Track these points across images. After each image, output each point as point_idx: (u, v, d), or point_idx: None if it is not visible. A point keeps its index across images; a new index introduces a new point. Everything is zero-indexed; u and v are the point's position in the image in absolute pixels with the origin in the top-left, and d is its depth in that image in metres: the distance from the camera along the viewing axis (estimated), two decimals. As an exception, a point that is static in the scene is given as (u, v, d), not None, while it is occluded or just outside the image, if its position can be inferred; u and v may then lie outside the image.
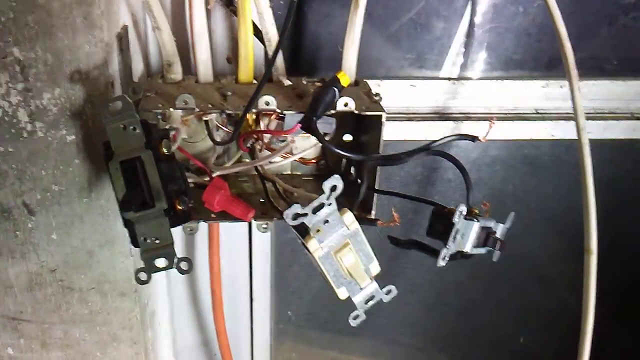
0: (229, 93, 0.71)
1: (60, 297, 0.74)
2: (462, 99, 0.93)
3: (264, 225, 0.75)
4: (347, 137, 0.84)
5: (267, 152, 0.78)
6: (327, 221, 0.59)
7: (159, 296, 0.91)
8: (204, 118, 0.74)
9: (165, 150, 0.61)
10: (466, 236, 0.63)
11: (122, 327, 0.77)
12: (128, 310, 0.76)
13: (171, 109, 0.67)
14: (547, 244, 1.06)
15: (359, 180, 0.80)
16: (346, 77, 0.68)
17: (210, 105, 0.68)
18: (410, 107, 0.93)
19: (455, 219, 0.61)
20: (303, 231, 0.60)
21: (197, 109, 0.67)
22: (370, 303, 0.66)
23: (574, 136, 0.79)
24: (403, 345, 1.18)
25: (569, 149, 0.97)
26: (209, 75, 0.75)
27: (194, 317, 1.01)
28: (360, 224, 0.62)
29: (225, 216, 0.72)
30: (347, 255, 0.61)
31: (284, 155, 0.80)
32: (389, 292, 0.67)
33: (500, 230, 0.70)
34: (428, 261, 0.68)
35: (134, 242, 0.61)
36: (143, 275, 0.61)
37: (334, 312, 1.10)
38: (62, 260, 0.72)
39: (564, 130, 0.94)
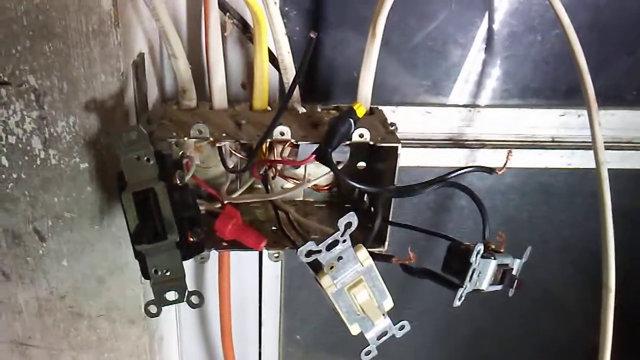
0: (244, 122, 0.70)
1: (69, 324, 0.73)
2: (477, 126, 0.92)
3: (276, 255, 0.74)
4: (361, 164, 0.83)
5: (281, 180, 0.78)
6: (340, 257, 0.58)
7: (168, 321, 0.90)
8: (218, 145, 0.73)
9: (178, 181, 0.60)
10: (483, 274, 0.62)
11: (130, 354, 0.76)
12: (136, 337, 0.75)
13: (185, 139, 0.66)
14: (562, 273, 1.05)
15: (372, 209, 0.80)
16: (362, 108, 0.68)
17: (224, 135, 0.67)
18: (425, 133, 0.92)
19: (473, 259, 0.60)
20: (316, 267, 0.59)
21: (211, 138, 0.66)
22: (383, 339, 0.65)
23: (591, 165, 0.78)
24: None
25: (585, 177, 0.96)
26: (223, 102, 0.75)
27: (203, 342, 1.01)
28: (374, 260, 0.61)
29: (236, 245, 0.71)
30: (360, 292, 0.60)
31: (296, 182, 0.80)
32: (402, 327, 0.66)
33: (516, 265, 0.69)
34: (438, 289, 0.67)
35: (145, 274, 0.60)
36: (153, 308, 0.60)
37: (343, 337, 1.08)
38: (71, 287, 0.71)
39: (580, 159, 0.93)
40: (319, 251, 0.56)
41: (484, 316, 1.09)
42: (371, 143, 0.69)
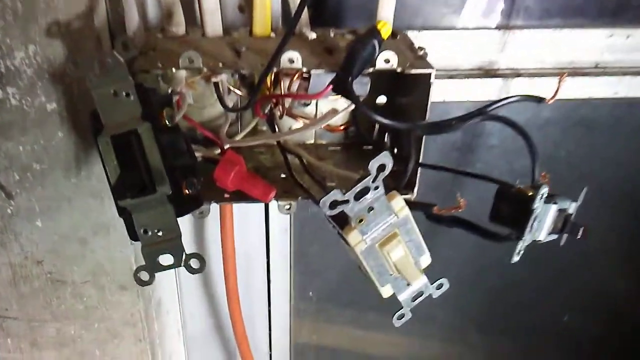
0: (243, 48, 0.58)
1: (50, 292, 0.63)
2: (511, 52, 0.80)
3: (287, 207, 0.63)
4: (381, 100, 0.71)
5: (289, 120, 0.66)
6: (371, 208, 0.48)
7: (166, 283, 0.80)
8: (213, 79, 0.61)
9: (167, 121, 0.49)
10: (542, 222, 0.51)
11: (124, 323, 0.66)
12: (130, 304, 0.65)
13: (173, 69, 0.54)
14: (603, 217, 0.94)
15: (395, 150, 0.69)
16: (387, 26, 0.56)
17: (221, 64, 0.55)
18: (451, 62, 0.80)
19: (536, 204, 0.49)
20: (342, 221, 0.48)
21: (205, 69, 0.54)
22: (418, 300, 0.56)
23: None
24: (436, 322, 1.08)
25: (633, 108, 0.85)
26: (217, 27, 0.62)
27: (206, 301, 0.91)
28: (411, 210, 0.50)
29: (241, 196, 0.60)
30: (395, 249, 0.50)
31: (307, 121, 0.68)
32: (440, 286, 0.56)
33: (573, 209, 0.59)
34: (466, 237, 0.56)
35: (132, 235, 0.49)
36: (144, 275, 0.49)
37: (360, 291, 0.99)
38: (49, 250, 0.61)
39: (628, 87, 0.81)
40: (346, 201, 0.46)
41: (513, 266, 0.99)
42: (399, 70, 0.57)
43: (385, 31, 0.56)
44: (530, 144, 0.59)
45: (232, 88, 0.65)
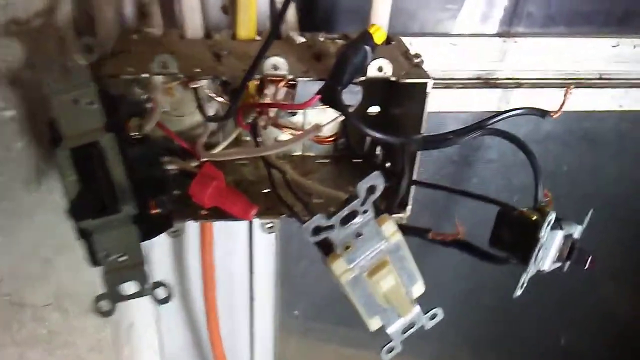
0: (225, 52, 0.54)
1: (9, 315, 0.58)
2: (512, 60, 0.76)
3: (269, 225, 0.58)
4: (374, 110, 0.66)
5: (275, 130, 0.62)
6: (360, 234, 0.43)
7: (140, 305, 0.75)
8: (192, 85, 0.56)
9: (135, 132, 0.44)
10: (547, 250, 0.47)
11: (90, 349, 0.61)
12: (96, 329, 0.60)
13: (146, 75, 0.49)
14: (608, 234, 0.90)
15: (387, 165, 0.64)
16: (381, 31, 0.51)
17: (199, 70, 0.51)
18: (448, 70, 0.75)
19: (542, 233, 0.44)
20: (327, 247, 0.43)
21: (181, 75, 0.49)
22: (409, 332, 0.50)
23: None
24: (430, 341, 1.03)
25: (639, 122, 0.80)
26: (198, 29, 0.58)
27: (185, 319, 0.86)
28: (404, 235, 0.45)
29: (219, 214, 0.55)
30: (385, 278, 0.45)
31: (293, 132, 0.63)
32: (433, 317, 0.51)
33: (578, 233, 0.54)
34: (462, 254, 0.52)
35: (93, 260, 0.44)
36: (105, 305, 0.44)
37: (349, 311, 0.94)
38: (8, 271, 0.55)
39: (634, 100, 0.77)
40: (331, 227, 0.41)
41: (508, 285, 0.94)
42: (393, 79, 0.52)
43: (379, 36, 0.51)
44: (533, 162, 0.54)
45: (213, 95, 0.60)
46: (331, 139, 0.67)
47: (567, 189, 0.84)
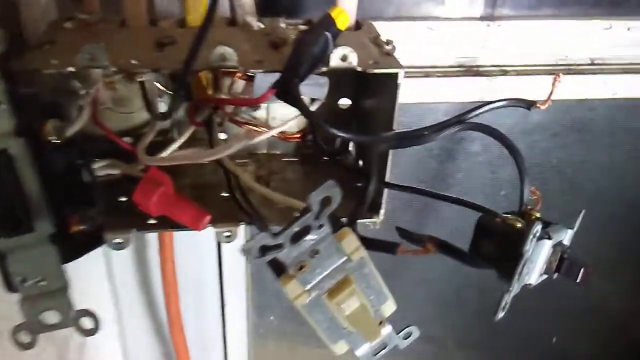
0: (168, 41, 0.47)
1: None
2: (496, 46, 0.70)
3: (227, 234, 0.52)
4: (344, 102, 0.60)
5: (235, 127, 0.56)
6: (316, 251, 0.37)
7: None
8: (138, 79, 0.50)
9: (53, 137, 0.38)
10: (534, 263, 0.41)
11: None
12: (36, 353, 0.53)
13: (71, 69, 0.42)
14: (598, 230, 0.84)
15: (361, 163, 0.58)
16: (344, 14, 0.45)
17: (135, 62, 0.44)
18: (427, 58, 0.69)
19: (527, 247, 0.38)
20: (278, 266, 0.37)
21: (112, 67, 0.43)
22: (382, 353, 0.45)
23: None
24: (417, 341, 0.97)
25: (634, 110, 0.75)
26: (141, 15, 0.51)
27: (151, 332, 0.80)
28: (369, 250, 0.39)
29: (168, 223, 0.49)
30: (348, 299, 0.39)
31: (255, 129, 0.57)
32: (407, 336, 0.46)
33: (568, 239, 0.48)
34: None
35: (8, 285, 0.38)
36: (24, 336, 0.38)
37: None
38: None
39: (628, 87, 0.71)
40: (280, 246, 0.35)
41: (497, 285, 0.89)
42: (359, 69, 0.46)
43: (342, 20, 0.45)
44: (517, 160, 0.48)
45: (163, 88, 0.54)
46: (298, 135, 0.60)
47: (557, 184, 0.79)
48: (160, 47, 0.47)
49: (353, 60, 0.46)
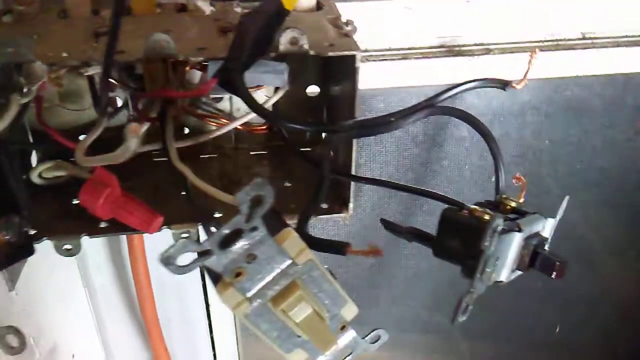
0: (105, 31, 0.44)
1: None
2: (478, 22, 0.65)
3: (185, 235, 0.49)
4: (313, 90, 0.57)
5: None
6: (253, 257, 0.33)
7: (67, 317, 0.66)
8: (86, 73, 0.47)
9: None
10: (503, 258, 0.37)
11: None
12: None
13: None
14: (597, 215, 0.80)
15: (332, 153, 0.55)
16: (292, -6, 0.41)
17: (64, 55, 0.41)
18: (406, 39, 0.65)
19: (486, 242, 0.34)
20: (214, 276, 0.34)
21: (37, 61, 0.40)
22: (349, 358, 0.42)
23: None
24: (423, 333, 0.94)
25: (630, 86, 0.70)
26: (82, 5, 0.48)
27: (134, 335, 0.78)
28: (316, 251, 0.35)
29: (120, 226, 0.46)
30: (297, 306, 0.35)
31: (217, 122, 0.54)
32: (375, 339, 0.42)
33: (549, 230, 0.44)
34: None
35: None
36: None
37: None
38: None
39: (623, 62, 0.67)
40: (207, 252, 0.31)
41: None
42: (312, 53, 0.42)
43: (289, 0, 0.41)
44: (491, 145, 0.45)
45: (117, 81, 0.50)
46: (264, 127, 0.57)
47: (550, 167, 0.74)
48: (96, 38, 0.44)
49: (304, 43, 0.42)
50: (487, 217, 0.37)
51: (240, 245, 0.32)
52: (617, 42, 0.67)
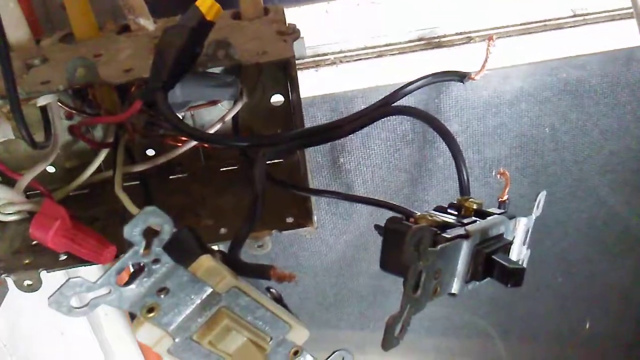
0: (37, 62, 0.43)
1: None
2: (457, 10, 0.61)
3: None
4: (277, 99, 0.54)
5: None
6: (166, 290, 0.31)
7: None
8: (38, 104, 0.46)
9: None
10: (450, 269, 0.33)
11: None
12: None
13: None
14: (612, 203, 0.74)
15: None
16: (212, 4, 0.39)
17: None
18: (379, 36, 0.62)
19: (408, 256, 0.30)
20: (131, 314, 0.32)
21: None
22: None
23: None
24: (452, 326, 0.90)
25: (634, 61, 0.65)
26: (21, 32, 0.47)
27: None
28: (240, 276, 0.33)
29: (77, 258, 0.45)
30: (225, 338, 0.33)
31: (175, 142, 0.52)
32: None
33: (522, 227, 0.41)
34: None
35: None
36: None
37: (328, 309, 0.82)
38: None
39: (618, 36, 0.62)
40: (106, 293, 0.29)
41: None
42: (242, 62, 0.40)
43: (213, 10, 0.39)
44: (451, 144, 0.41)
45: (74, 110, 0.49)
46: (229, 142, 0.55)
47: (553, 155, 0.69)
48: (28, 68, 0.43)
49: (233, 53, 0.40)
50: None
51: (144, 280, 0.30)
52: (612, 16, 0.62)
